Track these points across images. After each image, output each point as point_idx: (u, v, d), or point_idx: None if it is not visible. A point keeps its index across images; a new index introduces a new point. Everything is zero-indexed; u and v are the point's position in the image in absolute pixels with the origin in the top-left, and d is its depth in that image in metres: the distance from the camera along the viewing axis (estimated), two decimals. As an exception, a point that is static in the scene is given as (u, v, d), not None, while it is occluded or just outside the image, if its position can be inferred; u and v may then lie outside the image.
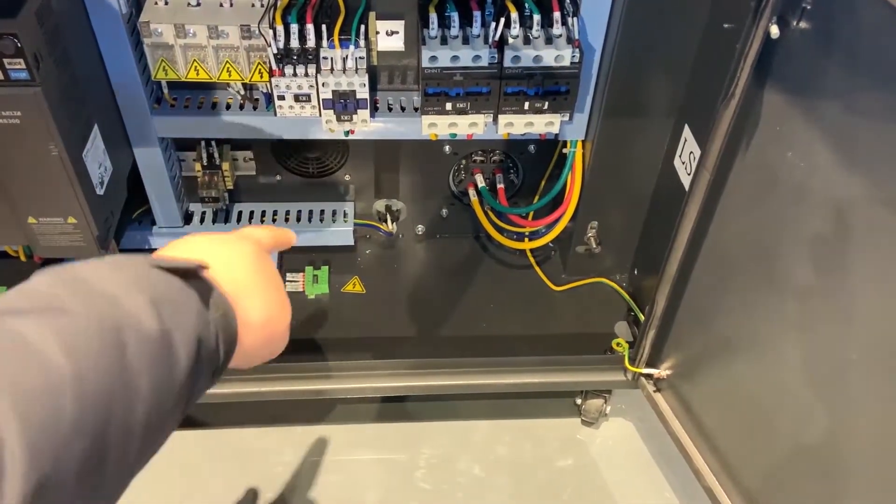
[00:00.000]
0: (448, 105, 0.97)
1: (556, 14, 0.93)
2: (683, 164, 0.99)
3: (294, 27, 0.93)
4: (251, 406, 1.11)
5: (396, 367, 1.12)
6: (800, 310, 0.76)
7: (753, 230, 0.80)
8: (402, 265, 1.27)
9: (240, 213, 1.21)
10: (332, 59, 0.94)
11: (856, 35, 0.65)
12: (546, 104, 0.97)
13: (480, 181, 1.19)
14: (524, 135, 1.02)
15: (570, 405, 1.22)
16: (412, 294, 1.23)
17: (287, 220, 1.21)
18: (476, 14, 0.93)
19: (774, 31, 0.70)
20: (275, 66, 0.94)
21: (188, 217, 1.19)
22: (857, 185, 0.66)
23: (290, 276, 1.22)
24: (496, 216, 1.21)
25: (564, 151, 1.11)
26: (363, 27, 0.96)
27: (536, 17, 0.92)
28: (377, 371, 1.11)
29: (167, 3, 0.95)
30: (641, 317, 1.14)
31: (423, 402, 1.24)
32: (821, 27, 0.68)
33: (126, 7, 0.92)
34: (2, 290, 1.12)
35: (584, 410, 1.19)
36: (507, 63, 0.93)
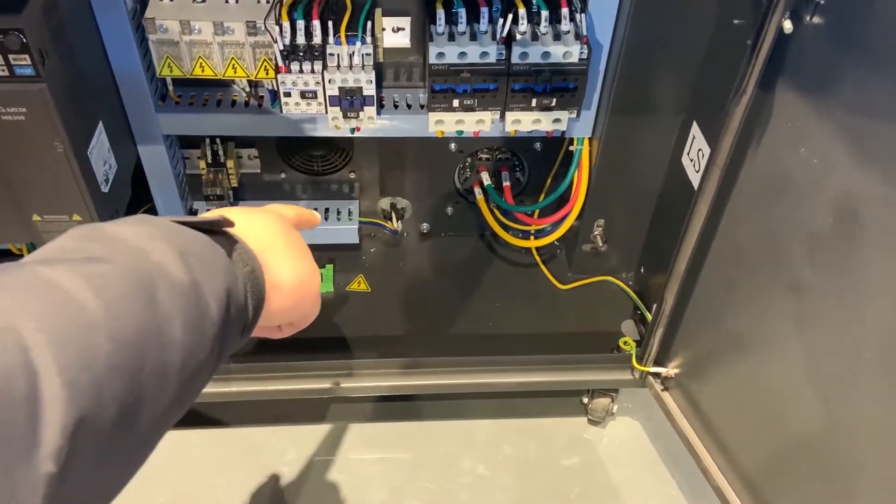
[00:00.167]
0: (455, 102, 0.96)
1: (565, 10, 0.92)
2: (692, 162, 0.98)
3: (300, 23, 0.92)
4: (255, 405, 1.11)
5: (401, 366, 1.11)
6: (812, 308, 0.76)
7: (765, 227, 0.79)
8: (407, 263, 1.26)
9: (244, 211, 1.20)
10: (339, 56, 0.94)
11: (870, 30, 0.64)
12: (554, 101, 0.96)
13: (486, 179, 1.18)
14: (531, 132, 1.02)
15: (577, 404, 1.21)
16: (417, 292, 1.22)
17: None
18: (483, 10, 0.92)
19: (787, 27, 0.69)
20: (281, 63, 0.94)
21: (192, 215, 1.18)
22: (872, 182, 0.66)
23: (295, 275, 1.21)
24: (502, 214, 1.21)
25: (571, 149, 1.11)
26: (370, 23, 0.95)
27: (544, 14, 0.91)
28: (382, 370, 1.11)
29: (172, 0, 0.94)
30: (648, 315, 1.14)
31: (429, 401, 1.23)
32: (835, 22, 0.67)
33: (131, 3, 0.92)
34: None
35: (591, 409, 1.18)
36: (515, 59, 0.92)
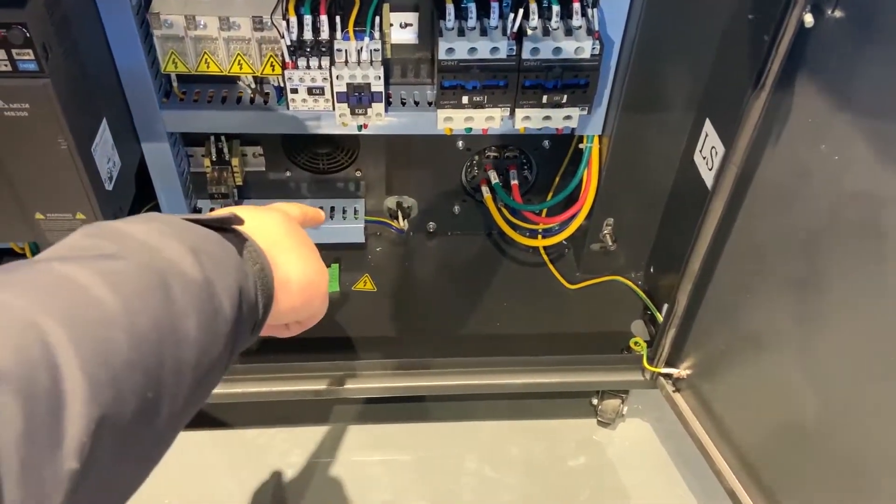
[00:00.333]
0: (464, 98, 0.95)
1: (576, 5, 0.91)
2: (704, 160, 0.97)
3: (308, 18, 0.90)
4: (259, 406, 1.09)
5: (407, 367, 1.10)
6: (831, 308, 0.74)
7: (783, 226, 0.78)
8: (414, 263, 1.25)
9: (249, 210, 1.19)
10: (347, 52, 0.92)
11: (894, 23, 0.63)
12: (565, 98, 0.95)
13: (494, 177, 1.16)
14: (540, 129, 1.00)
15: (586, 406, 1.20)
16: (424, 292, 1.21)
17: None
18: (494, 5, 0.91)
19: (809, 20, 0.68)
20: (288, 59, 0.92)
21: (196, 213, 1.16)
22: (895, 179, 0.64)
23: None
24: (510, 213, 1.19)
25: (580, 147, 1.09)
26: (378, 19, 0.94)
27: (556, 8, 0.90)
28: (387, 371, 1.09)
29: (177, -6, 0.93)
30: (658, 316, 1.12)
31: (435, 402, 1.22)
32: (857, 15, 0.66)
33: (136, -3, 0.90)
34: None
35: (601, 411, 1.17)
36: (526, 55, 0.91)
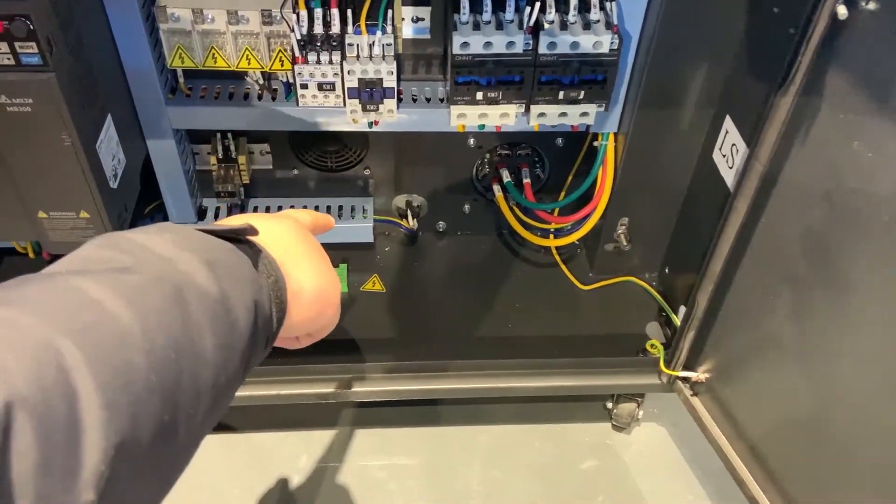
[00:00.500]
0: (479, 94, 0.92)
1: (595, -2, 0.88)
2: (724, 158, 0.94)
3: (318, 12, 0.88)
4: (266, 409, 1.07)
5: (417, 370, 1.07)
6: (861, 312, 0.72)
7: (812, 226, 0.75)
8: (423, 263, 1.22)
9: (255, 209, 1.17)
10: (359, 46, 0.90)
11: (933, 15, 0.60)
12: (581, 94, 0.93)
13: (506, 176, 1.14)
14: (556, 126, 0.98)
15: (600, 409, 1.17)
16: (433, 293, 1.18)
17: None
18: (510, -2, 0.88)
19: (842, 12, 0.65)
20: (298, 53, 0.90)
21: (202, 212, 1.15)
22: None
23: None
24: (522, 212, 1.17)
25: (595, 145, 1.07)
26: (390, 12, 0.91)
27: (573, 2, 0.88)
28: (397, 374, 1.07)
29: (184, -13, 0.90)
30: (674, 317, 1.10)
31: (445, 406, 1.20)
32: (893, 7, 0.63)
33: (142, -10, 0.88)
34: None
35: (616, 415, 1.14)
36: (543, 50, 0.89)
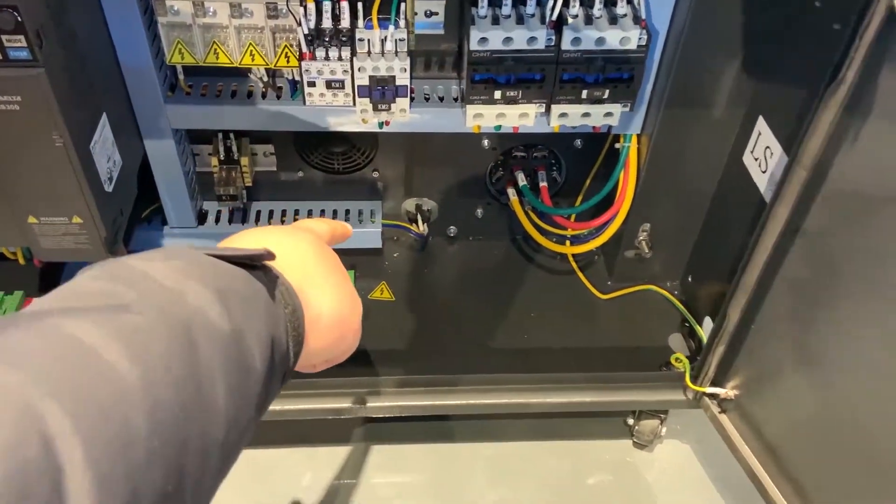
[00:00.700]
0: (497, 93, 0.87)
1: (621, -9, 0.83)
2: (756, 161, 0.89)
3: (327, 5, 0.83)
4: (269, 424, 1.01)
5: (427, 384, 1.02)
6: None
7: (861, 235, 0.70)
8: (434, 270, 1.17)
9: (258, 213, 1.11)
10: (370, 41, 0.85)
11: None
12: (606, 93, 0.87)
13: (522, 179, 1.09)
14: (576, 127, 0.93)
15: (621, 425, 1.12)
16: (444, 301, 1.13)
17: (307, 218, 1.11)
18: (531, -10, 0.83)
19: (902, 4, 0.60)
20: (305, 49, 0.85)
21: (202, 216, 1.09)
22: None
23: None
24: (537, 217, 1.12)
25: (617, 146, 1.01)
26: (403, 6, 0.86)
27: (599, -6, 0.83)
28: (406, 388, 1.01)
29: (185, -22, 0.85)
30: (699, 329, 1.05)
31: (457, 421, 1.14)
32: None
33: (140, -19, 0.83)
34: (-2, 297, 1.02)
35: (637, 432, 1.09)
36: (566, 46, 0.83)
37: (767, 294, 0.83)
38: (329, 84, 0.86)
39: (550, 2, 0.82)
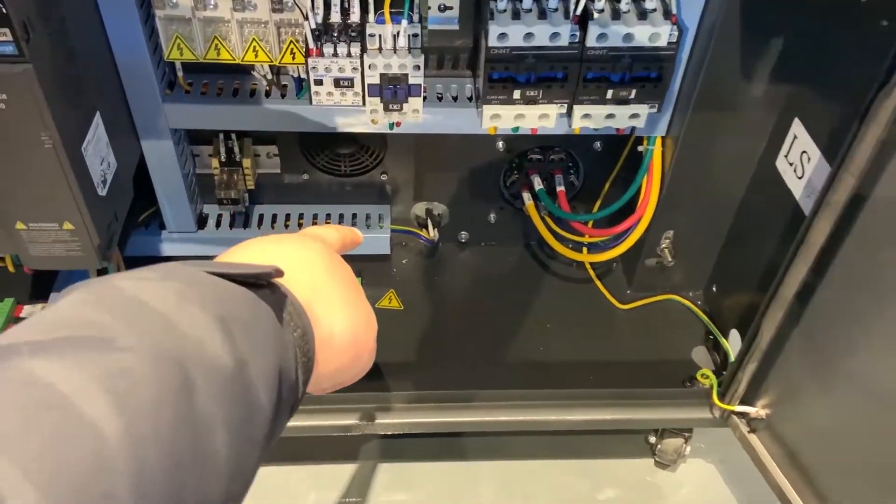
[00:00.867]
0: (516, 93, 0.82)
1: (650, -16, 0.78)
2: (791, 166, 0.84)
3: (336, -3, 0.78)
4: (273, 441, 0.97)
5: (439, 400, 0.97)
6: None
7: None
8: (444, 277, 1.13)
9: (261, 217, 1.07)
10: (381, 37, 0.79)
11: None
12: (633, 93, 0.82)
13: (538, 183, 1.03)
14: (598, 129, 0.87)
15: (642, 444, 1.07)
16: (455, 311, 1.08)
17: (315, 225, 1.06)
18: (554, -17, 0.78)
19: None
20: (312, 45, 0.80)
21: (202, 221, 1.05)
22: None
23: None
24: (554, 222, 1.06)
25: (639, 149, 0.96)
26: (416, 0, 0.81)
27: (626, -12, 0.77)
28: (417, 404, 0.97)
29: (184, -31, 0.80)
30: (724, 342, 0.99)
31: (469, 438, 1.10)
32: None
33: (136, -28, 0.78)
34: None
35: (660, 451, 1.04)
36: (591, 42, 0.78)
37: (805, 309, 0.78)
38: (337, 82, 0.82)
39: (575, -5, 0.77)
